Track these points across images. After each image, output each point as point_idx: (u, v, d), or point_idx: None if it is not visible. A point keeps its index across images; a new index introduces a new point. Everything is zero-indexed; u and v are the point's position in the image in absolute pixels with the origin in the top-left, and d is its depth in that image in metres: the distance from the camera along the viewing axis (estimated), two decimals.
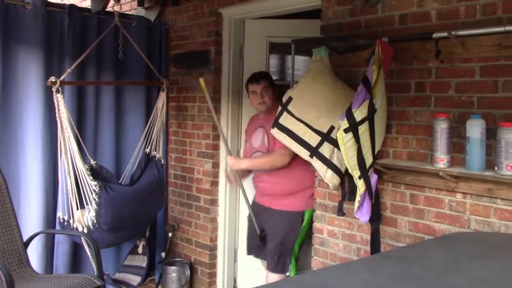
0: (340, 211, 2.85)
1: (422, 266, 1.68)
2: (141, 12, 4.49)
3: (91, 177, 3.40)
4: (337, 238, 3.07)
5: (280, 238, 3.27)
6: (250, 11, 3.76)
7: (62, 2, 4.06)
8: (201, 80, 3.45)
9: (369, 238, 2.80)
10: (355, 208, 2.61)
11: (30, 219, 3.59)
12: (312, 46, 2.91)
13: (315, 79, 2.83)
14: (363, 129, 2.45)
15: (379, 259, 1.94)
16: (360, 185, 2.54)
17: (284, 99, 2.87)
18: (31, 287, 2.77)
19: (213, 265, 4.17)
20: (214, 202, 4.13)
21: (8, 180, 3.36)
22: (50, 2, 3.76)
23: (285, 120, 2.85)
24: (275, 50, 3.93)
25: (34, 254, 3.54)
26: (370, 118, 2.46)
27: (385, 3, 2.75)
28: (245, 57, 3.99)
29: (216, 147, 4.09)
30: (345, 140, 2.44)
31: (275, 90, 3.42)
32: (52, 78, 3.40)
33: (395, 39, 2.61)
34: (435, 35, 2.43)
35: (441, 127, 2.38)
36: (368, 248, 2.82)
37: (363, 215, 2.63)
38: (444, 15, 2.50)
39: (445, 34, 2.39)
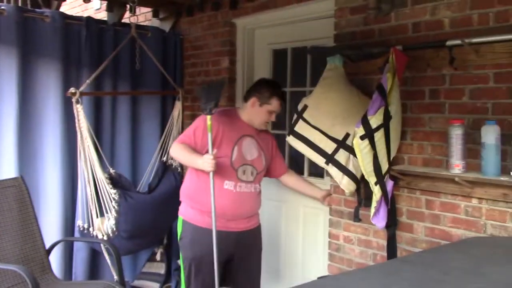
0: (357, 217, 2.89)
1: (441, 270, 1.69)
2: (156, 23, 4.56)
3: (111, 186, 3.45)
4: (353, 244, 3.10)
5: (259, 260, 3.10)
6: (263, 21, 3.80)
7: (79, 15, 4.12)
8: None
9: (385, 244, 2.83)
10: (371, 214, 2.65)
11: (50, 227, 3.65)
12: (327, 55, 2.96)
13: (330, 87, 2.86)
14: (379, 136, 2.48)
15: (397, 263, 1.97)
16: (376, 191, 2.57)
17: (300, 107, 2.91)
18: None
19: None
20: None
21: (29, 189, 3.42)
22: (68, 15, 3.86)
23: (301, 127, 2.89)
24: (278, 57, 3.90)
25: (54, 261, 3.59)
26: (385, 125, 2.49)
27: (398, 12, 2.79)
28: (254, 65, 4.02)
29: None
30: (361, 147, 2.48)
31: None
32: (72, 89, 3.46)
33: (409, 47, 2.64)
34: (449, 43, 2.46)
35: (456, 134, 2.41)
36: (385, 254, 2.85)
37: (380, 221, 2.66)
38: (457, 23, 2.54)
39: (459, 41, 2.42)
